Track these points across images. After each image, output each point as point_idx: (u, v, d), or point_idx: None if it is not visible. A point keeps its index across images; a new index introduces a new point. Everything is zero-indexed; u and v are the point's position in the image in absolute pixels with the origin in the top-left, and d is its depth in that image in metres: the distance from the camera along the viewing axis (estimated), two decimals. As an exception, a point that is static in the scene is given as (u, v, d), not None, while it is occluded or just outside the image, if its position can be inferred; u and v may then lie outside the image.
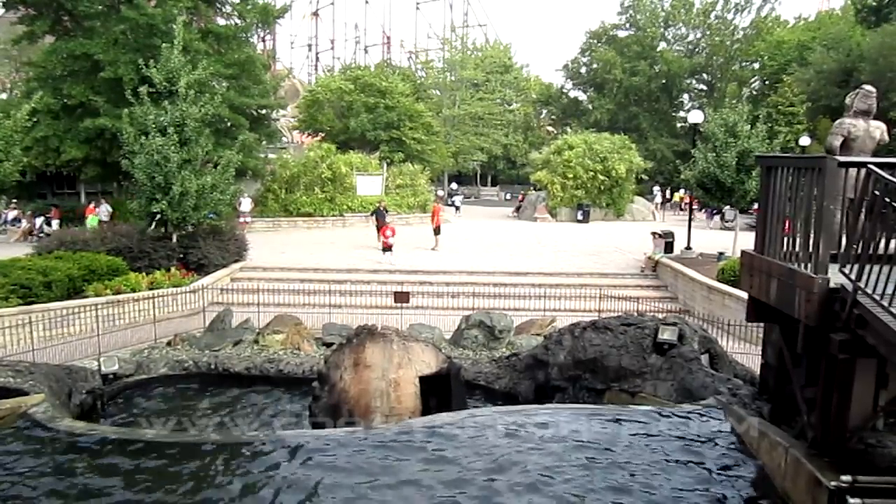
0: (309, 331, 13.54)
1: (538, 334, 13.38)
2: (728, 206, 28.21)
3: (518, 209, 44.38)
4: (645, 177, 44.22)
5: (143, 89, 17.41)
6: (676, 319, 10.64)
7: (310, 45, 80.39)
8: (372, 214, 26.93)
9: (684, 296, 18.02)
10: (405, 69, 62.01)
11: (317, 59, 79.58)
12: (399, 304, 14.96)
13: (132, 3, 23.98)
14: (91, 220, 25.21)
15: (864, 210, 5.78)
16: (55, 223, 26.08)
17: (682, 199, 47.12)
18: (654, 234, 22.87)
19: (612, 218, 39.42)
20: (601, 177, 38.18)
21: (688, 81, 61.92)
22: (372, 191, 35.21)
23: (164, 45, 18.28)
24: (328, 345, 12.76)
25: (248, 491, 6.61)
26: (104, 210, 27.36)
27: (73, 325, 13.46)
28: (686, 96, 63.12)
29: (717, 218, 37.28)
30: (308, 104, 43.43)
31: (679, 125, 59.72)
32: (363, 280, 18.95)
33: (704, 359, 9.99)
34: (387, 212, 26.65)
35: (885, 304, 5.17)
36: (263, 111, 31.55)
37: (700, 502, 6.41)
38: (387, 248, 21.63)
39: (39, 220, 26.89)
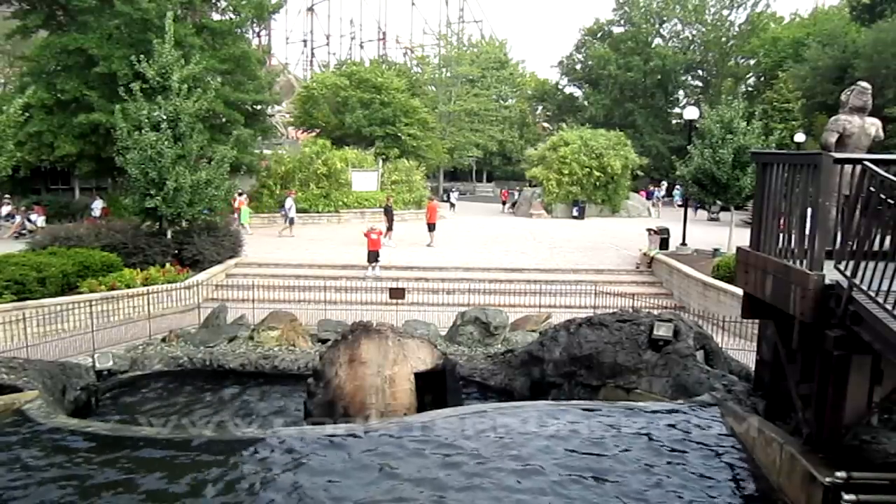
0: (304, 327, 13.50)
1: (533, 330, 13.37)
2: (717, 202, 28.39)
3: (506, 204, 44.78)
4: (640, 173, 44.31)
5: (135, 85, 17.33)
6: (672, 316, 10.65)
7: (305, 41, 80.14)
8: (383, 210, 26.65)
9: (679, 292, 18.05)
10: (401, 65, 61.87)
11: (312, 54, 79.32)
12: (394, 301, 14.95)
13: (126, -3, 23.86)
14: (244, 215, 27.94)
15: (859, 207, 5.79)
16: (40, 220, 25.84)
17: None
18: (649, 230, 22.95)
19: (607, 214, 39.50)
20: (597, 173, 38.22)
21: (683, 77, 62.00)
22: (367, 187, 35.13)
23: (156, 40, 18.20)
24: (323, 341, 12.73)
25: (244, 488, 6.59)
26: (98, 205, 27.27)
27: (67, 322, 13.41)
28: (682, 92, 63.19)
29: (701, 210, 37.72)
30: (303, 100, 43.28)
31: (675, 121, 59.79)
32: (358, 276, 18.94)
33: (699, 355, 10.01)
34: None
35: (881, 300, 5.18)
36: (258, 107, 31.39)
37: (695, 499, 6.42)
38: (374, 253, 19.28)
39: (18, 218, 26.52)
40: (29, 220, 25.94)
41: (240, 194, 30.30)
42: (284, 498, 6.42)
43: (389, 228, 24.62)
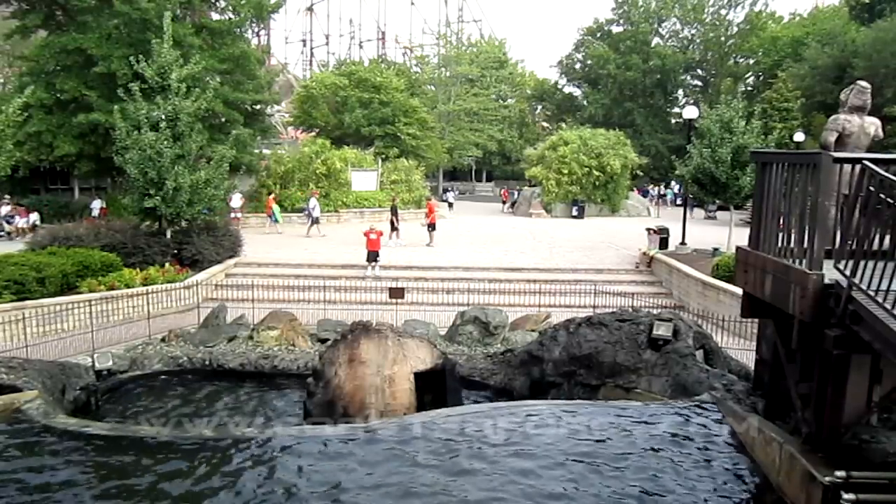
0: (303, 327, 13.50)
1: (533, 330, 13.39)
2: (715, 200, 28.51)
3: (506, 203, 44.76)
4: (640, 172, 44.34)
5: (134, 85, 17.32)
6: (671, 315, 10.65)
7: (304, 41, 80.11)
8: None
9: (679, 291, 18.05)
10: (400, 65, 61.91)
11: (311, 54, 79.32)
12: (394, 300, 14.95)
13: (125, -3, 23.84)
14: (276, 214, 28.41)
15: (858, 206, 5.78)
16: (22, 221, 25.70)
17: None
18: (649, 229, 22.95)
19: (606, 214, 39.52)
20: (596, 172, 38.25)
21: (682, 77, 62.05)
22: (367, 186, 35.14)
23: (154, 40, 18.19)
24: (323, 341, 12.74)
25: (243, 488, 6.59)
26: (97, 205, 27.21)
27: (66, 321, 13.41)
28: (681, 92, 63.22)
29: (697, 209, 37.81)
30: (302, 100, 43.27)
31: (674, 121, 59.83)
32: (358, 276, 18.94)
33: (699, 354, 10.01)
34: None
35: (880, 300, 5.18)
36: (258, 106, 31.40)
37: (695, 497, 6.42)
38: (373, 253, 19.25)
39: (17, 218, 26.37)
40: (8, 222, 25.82)
41: (268, 194, 30.40)
42: (284, 497, 6.42)
43: (395, 228, 24.62)
